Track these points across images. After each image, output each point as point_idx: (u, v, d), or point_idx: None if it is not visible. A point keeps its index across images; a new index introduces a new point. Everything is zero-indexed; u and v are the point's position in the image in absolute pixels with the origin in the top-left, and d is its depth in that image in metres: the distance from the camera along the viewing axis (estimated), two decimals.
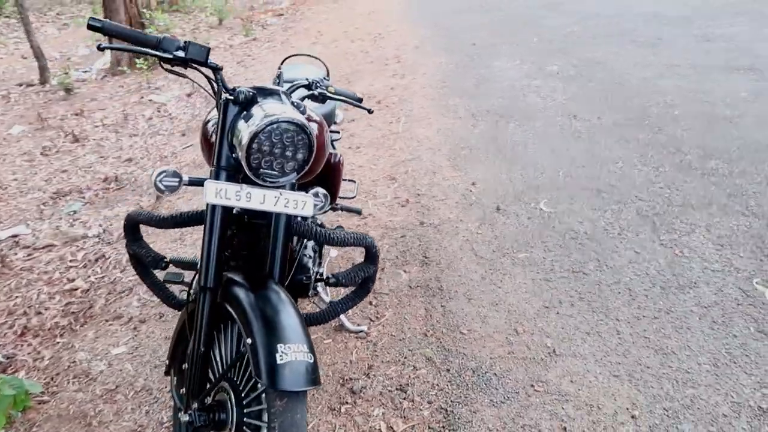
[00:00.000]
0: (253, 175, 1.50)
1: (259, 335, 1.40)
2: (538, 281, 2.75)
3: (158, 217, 1.83)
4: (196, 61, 1.56)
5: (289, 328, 1.42)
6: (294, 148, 1.51)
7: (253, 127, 1.44)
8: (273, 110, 1.48)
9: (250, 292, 1.52)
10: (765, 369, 2.14)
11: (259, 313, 1.45)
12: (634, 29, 7.00)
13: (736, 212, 3.08)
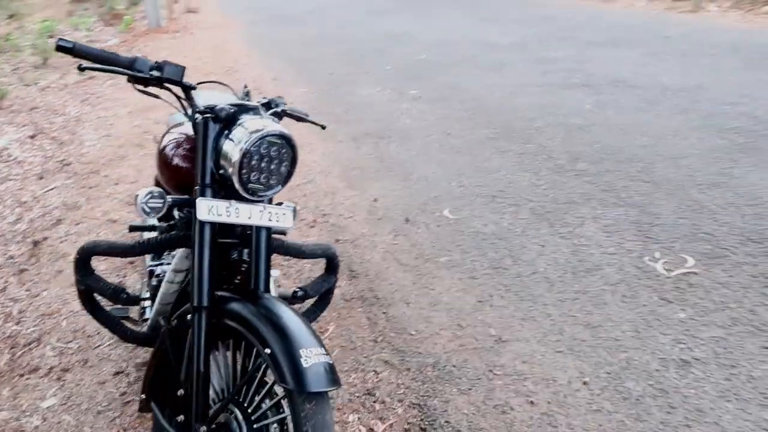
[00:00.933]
0: (243, 190, 1.51)
1: (277, 344, 1.39)
2: (465, 280, 2.94)
3: (123, 246, 1.73)
4: (172, 80, 1.56)
5: (303, 333, 1.43)
6: (279, 161, 1.55)
7: (243, 144, 1.45)
8: (257, 125, 1.50)
9: (249, 305, 1.51)
10: (675, 329, 2.49)
11: (268, 323, 1.45)
12: (476, 56, 7.66)
13: (612, 204, 3.53)
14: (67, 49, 1.48)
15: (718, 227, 3.19)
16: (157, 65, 1.53)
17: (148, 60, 1.55)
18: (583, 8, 11.43)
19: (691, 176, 3.79)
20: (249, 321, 1.47)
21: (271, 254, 1.66)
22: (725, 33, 8.02)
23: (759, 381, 2.19)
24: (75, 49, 1.49)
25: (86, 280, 1.82)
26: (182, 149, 1.77)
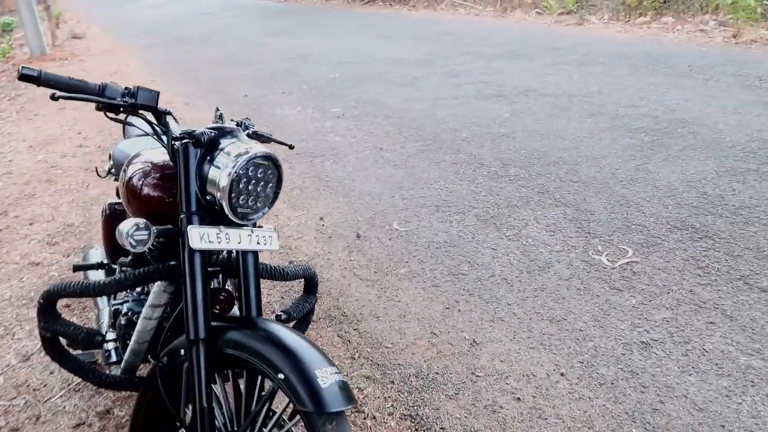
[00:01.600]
0: (233, 214, 1.51)
1: (289, 368, 1.39)
2: (428, 289, 3.02)
3: (95, 285, 1.65)
4: (147, 106, 1.54)
5: (313, 354, 1.44)
6: (265, 183, 1.56)
7: (231, 168, 1.44)
8: (242, 148, 1.50)
9: (249, 332, 1.51)
10: (630, 314, 2.70)
11: (275, 347, 1.45)
12: (387, 72, 7.84)
13: (550, 205, 3.75)
14: (31, 78, 1.43)
15: (646, 218, 3.47)
16: (128, 91, 1.50)
17: (119, 86, 1.51)
18: (478, 24, 11.97)
19: (613, 174, 4.09)
20: (253, 348, 1.45)
21: (260, 278, 1.66)
22: (610, 43, 8.68)
23: (711, 353, 2.41)
24: (41, 77, 1.44)
25: (53, 326, 1.74)
26: (152, 178, 1.72)
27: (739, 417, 2.10)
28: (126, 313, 2.01)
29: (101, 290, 1.68)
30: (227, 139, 1.55)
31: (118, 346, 2.01)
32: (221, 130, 1.56)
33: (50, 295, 1.70)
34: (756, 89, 5.58)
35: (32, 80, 1.43)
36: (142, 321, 1.79)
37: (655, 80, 6.25)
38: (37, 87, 1.48)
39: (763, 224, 3.27)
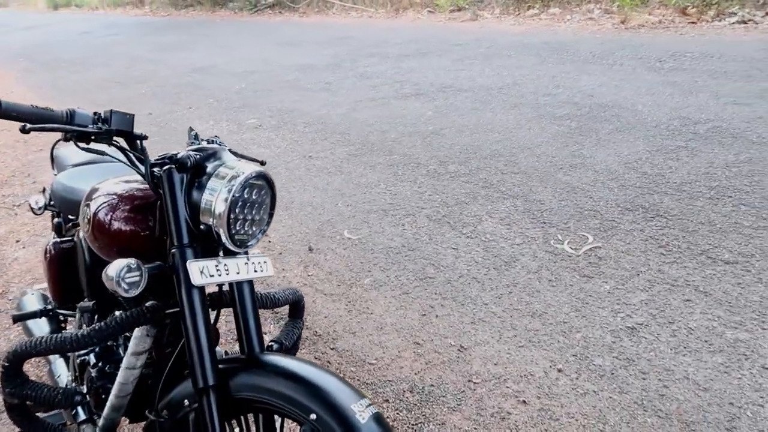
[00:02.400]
0: (231, 243, 1.33)
1: (322, 406, 1.23)
2: (399, 297, 2.87)
3: (70, 338, 1.39)
4: (123, 132, 1.33)
5: (343, 388, 1.29)
6: (260, 205, 1.39)
7: (226, 193, 1.27)
8: (234, 169, 1.32)
9: (262, 371, 1.33)
10: (608, 300, 2.67)
11: (300, 384, 1.28)
12: (297, 79, 7.61)
13: (498, 198, 3.71)
14: None
15: (596, 203, 3.49)
16: (99, 117, 1.32)
17: (86, 111, 1.32)
18: (374, 26, 11.97)
19: (551, 162, 4.11)
20: (274, 388, 1.28)
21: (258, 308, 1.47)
22: (509, 36, 8.91)
23: (697, 331, 2.42)
24: (1, 107, 1.21)
25: (22, 391, 1.48)
26: (121, 211, 1.48)
27: (744, 392, 2.10)
28: (96, 363, 1.75)
29: (81, 343, 1.43)
30: (213, 161, 1.36)
31: (89, 401, 1.73)
32: (204, 151, 1.36)
33: (17, 357, 1.45)
34: (659, 70, 5.86)
35: None
36: (123, 372, 1.55)
37: (564, 68, 6.43)
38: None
39: (707, 198, 3.37)
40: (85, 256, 1.80)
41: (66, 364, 2.07)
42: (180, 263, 1.28)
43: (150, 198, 1.39)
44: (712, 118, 4.44)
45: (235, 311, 1.39)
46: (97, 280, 1.75)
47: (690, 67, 5.88)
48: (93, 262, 1.73)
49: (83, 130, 1.28)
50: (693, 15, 8.59)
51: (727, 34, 7.42)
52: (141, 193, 1.45)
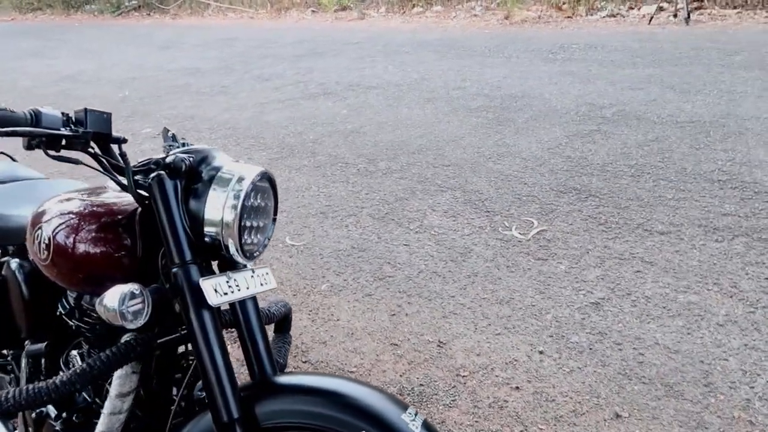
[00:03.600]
0: (242, 254, 1.23)
1: (371, 422, 1.17)
2: (362, 299, 2.82)
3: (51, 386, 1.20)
4: (101, 135, 1.20)
5: (386, 398, 1.23)
6: (264, 209, 1.29)
7: (233, 200, 1.15)
8: (237, 170, 1.21)
9: (289, 394, 1.25)
10: (567, 280, 2.78)
11: (340, 402, 1.20)
12: (188, 84, 7.28)
13: (436, 191, 3.75)
14: None
15: (531, 189, 3.63)
16: (70, 117, 1.16)
17: (55, 111, 1.16)
18: (257, 26, 11.72)
19: (478, 152, 4.22)
20: (312, 411, 1.19)
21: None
22: (401, 33, 9.05)
23: (654, 299, 2.58)
24: None
25: None
26: (86, 231, 1.30)
27: (708, 350, 2.26)
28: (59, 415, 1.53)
29: (61, 391, 1.23)
30: (207, 164, 1.22)
31: None
32: (196, 153, 1.23)
33: None
34: (555, 61, 6.19)
35: None
36: (107, 419, 1.35)
37: (465, 63, 6.63)
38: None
39: (629, 176, 3.60)
40: (23, 290, 1.56)
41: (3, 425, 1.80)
42: (185, 283, 1.14)
43: (123, 212, 1.25)
44: (614, 103, 4.76)
45: (241, 332, 1.26)
46: (46, 317, 1.53)
47: (580, 58, 6.26)
48: (37, 295, 1.52)
49: (56, 133, 1.11)
50: (567, 10, 9.17)
51: (602, 26, 7.98)
52: (110, 208, 1.28)
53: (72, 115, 1.15)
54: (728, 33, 6.54)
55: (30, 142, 1.11)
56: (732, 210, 3.11)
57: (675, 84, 4.98)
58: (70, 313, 1.40)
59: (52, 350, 1.52)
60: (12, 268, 1.56)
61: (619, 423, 2.00)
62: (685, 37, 6.55)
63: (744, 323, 2.37)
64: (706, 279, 2.65)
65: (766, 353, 2.21)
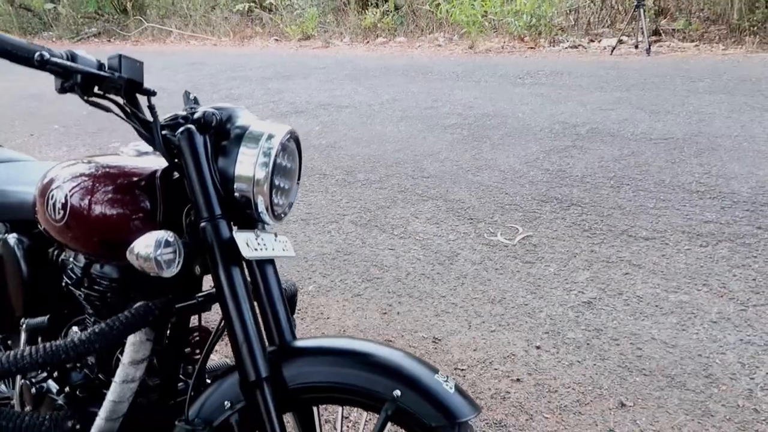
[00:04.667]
0: (271, 215, 1.18)
1: (404, 382, 1.13)
2: (352, 299, 2.75)
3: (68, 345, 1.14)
4: (134, 82, 1.16)
5: (414, 360, 1.20)
6: (290, 170, 1.26)
7: (263, 157, 1.11)
8: (266, 128, 1.17)
9: (317, 356, 1.20)
10: (557, 281, 2.77)
11: (371, 363, 1.16)
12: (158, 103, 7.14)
13: (417, 200, 3.72)
14: None
15: (513, 198, 3.64)
16: (103, 64, 1.10)
17: (89, 55, 1.11)
18: (222, 53, 11.68)
19: (457, 165, 4.23)
20: (343, 371, 1.15)
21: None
22: (367, 60, 9.14)
23: (646, 298, 2.58)
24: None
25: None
26: (104, 192, 1.24)
27: (705, 345, 2.26)
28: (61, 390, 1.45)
29: (79, 351, 1.17)
30: (234, 121, 1.18)
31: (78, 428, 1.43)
32: (223, 110, 1.19)
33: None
34: (524, 85, 6.32)
35: None
36: (118, 387, 1.28)
37: (435, 85, 6.71)
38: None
39: (609, 187, 3.66)
40: (22, 266, 1.50)
41: None
42: (215, 237, 1.09)
43: (140, 174, 1.19)
44: (587, 122, 4.86)
45: (260, 296, 1.20)
46: (45, 293, 1.47)
47: (548, 82, 6.41)
48: (37, 271, 1.46)
49: (93, 71, 1.06)
50: (529, 42, 9.44)
51: (565, 56, 8.23)
52: (127, 170, 1.22)
53: (107, 62, 1.09)
54: (689, 62, 6.83)
55: (63, 85, 1.06)
56: (713, 218, 3.18)
57: (644, 105, 5.13)
58: (77, 283, 1.32)
59: (53, 325, 1.45)
60: (11, 244, 1.50)
61: (625, 411, 1.96)
62: (648, 66, 6.81)
63: (737, 320, 2.39)
64: (695, 280, 2.68)
65: (762, 347, 2.22)
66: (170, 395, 1.43)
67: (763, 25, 7.78)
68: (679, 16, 9.07)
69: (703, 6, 8.96)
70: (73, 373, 1.45)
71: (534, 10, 9.20)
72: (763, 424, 1.87)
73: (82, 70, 1.05)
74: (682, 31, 8.53)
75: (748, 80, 5.78)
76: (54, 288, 1.44)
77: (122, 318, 1.16)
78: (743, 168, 3.73)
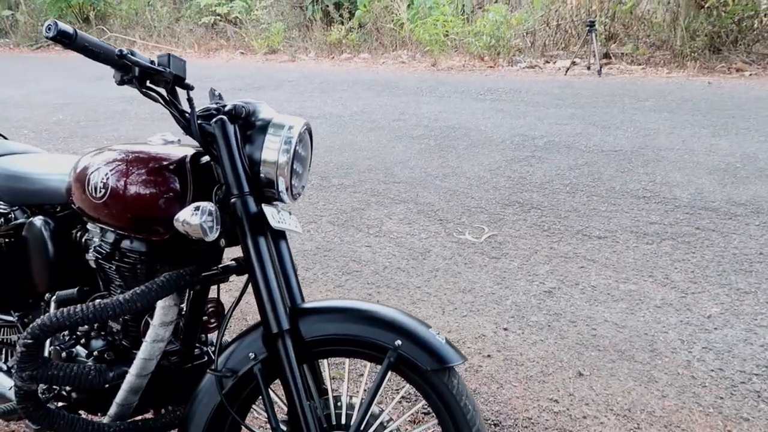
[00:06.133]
0: (290, 194, 1.41)
1: (403, 333, 1.35)
2: (333, 289, 2.97)
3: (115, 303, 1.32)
4: (179, 77, 1.38)
5: (407, 317, 1.42)
6: (304, 157, 1.49)
7: (285, 145, 1.32)
8: (285, 120, 1.37)
9: (326, 314, 1.42)
10: (521, 273, 3.05)
11: (373, 317, 1.38)
12: (126, 110, 7.24)
13: (390, 203, 3.98)
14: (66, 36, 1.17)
15: (478, 202, 3.93)
16: (153, 61, 1.30)
17: (143, 54, 1.32)
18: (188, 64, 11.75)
19: (425, 172, 4.51)
20: (350, 324, 1.37)
21: None
22: (335, 74, 9.40)
23: (599, 288, 2.89)
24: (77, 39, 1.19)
25: (45, 372, 1.36)
26: (138, 174, 1.45)
27: (650, 326, 2.57)
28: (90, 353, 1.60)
29: (124, 308, 1.35)
30: (257, 114, 1.41)
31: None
32: (249, 104, 1.42)
33: (45, 331, 1.33)
34: (485, 101, 6.68)
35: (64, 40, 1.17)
36: (149, 346, 1.47)
37: (401, 99, 7.01)
38: (64, 49, 1.23)
39: (566, 192, 3.99)
40: (49, 245, 1.67)
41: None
42: (244, 211, 1.30)
43: (170, 159, 1.38)
44: (545, 135, 5.22)
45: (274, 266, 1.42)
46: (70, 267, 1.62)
47: (507, 99, 6.79)
48: (62, 249, 1.63)
49: (152, 66, 1.26)
50: (488, 61, 9.87)
51: (523, 75, 8.67)
52: (160, 155, 1.41)
53: (157, 60, 1.28)
54: (637, 83, 7.32)
55: (123, 77, 1.26)
56: (658, 219, 3.53)
57: (596, 121, 5.53)
58: (107, 257, 1.48)
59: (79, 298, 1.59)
60: (37, 225, 1.65)
61: (582, 380, 2.24)
62: (599, 86, 7.27)
63: (678, 305, 2.71)
64: (642, 272, 3.00)
65: (698, 327, 2.54)
66: (188, 359, 1.63)
67: (702, 51, 8.37)
68: (627, 41, 9.65)
69: (649, 33, 9.56)
70: (97, 340, 1.61)
71: (493, 31, 9.65)
72: (698, 388, 2.17)
73: (144, 65, 1.26)
74: (631, 54, 9.09)
75: (689, 101, 6.27)
76: (75, 265, 1.62)
77: (159, 281, 1.35)
78: (684, 177, 4.12)
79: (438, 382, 1.30)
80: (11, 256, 1.78)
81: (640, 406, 2.09)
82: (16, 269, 1.74)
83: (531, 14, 10.37)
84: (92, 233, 1.57)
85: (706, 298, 2.74)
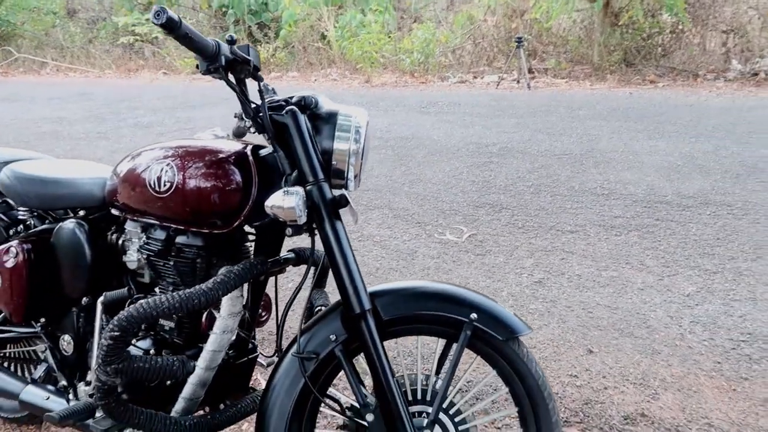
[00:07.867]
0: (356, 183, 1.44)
1: (477, 308, 1.45)
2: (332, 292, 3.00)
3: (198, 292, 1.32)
4: (256, 67, 1.43)
5: (475, 292, 1.53)
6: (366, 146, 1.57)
7: (355, 134, 1.38)
8: (352, 112, 1.43)
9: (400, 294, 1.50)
10: (508, 267, 3.20)
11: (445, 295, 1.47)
12: (56, 130, 6.92)
13: (364, 209, 4.05)
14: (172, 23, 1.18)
15: (450, 205, 4.08)
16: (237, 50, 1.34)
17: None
18: (109, 84, 11.40)
19: (392, 180, 4.62)
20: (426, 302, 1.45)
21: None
22: None
23: (584, 276, 3.08)
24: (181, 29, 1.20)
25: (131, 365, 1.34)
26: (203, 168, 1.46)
27: (638, 306, 2.77)
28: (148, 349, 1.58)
29: (209, 297, 1.36)
30: (320, 105, 1.47)
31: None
32: (312, 96, 1.48)
33: (132, 323, 1.32)
34: (429, 113, 6.90)
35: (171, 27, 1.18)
36: (218, 338, 1.48)
37: None
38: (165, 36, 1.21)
39: (530, 193, 4.21)
40: (86, 248, 1.63)
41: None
42: (320, 197, 1.34)
43: (230, 153, 1.40)
44: (497, 142, 5.47)
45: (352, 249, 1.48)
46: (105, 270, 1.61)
47: (450, 111, 7.04)
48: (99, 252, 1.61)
49: (245, 56, 1.29)
50: (419, 77, 10.17)
51: (456, 90, 8.99)
52: (220, 149, 1.42)
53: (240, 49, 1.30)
54: (565, 95, 7.77)
55: (209, 66, 1.27)
56: (620, 213, 3.79)
57: (540, 129, 5.85)
58: (161, 253, 1.49)
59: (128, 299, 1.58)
60: (70, 230, 1.63)
61: (594, 356, 2.39)
62: (531, 98, 7.67)
63: (658, 287, 2.93)
64: (619, 260, 3.22)
65: (681, 305, 2.76)
66: (243, 353, 1.65)
67: (619, 65, 9.02)
68: (547, 56, 10.24)
69: (567, 49, 10.19)
70: (153, 339, 1.60)
71: (423, 48, 9.96)
72: (697, 356, 2.37)
73: (238, 56, 1.29)
74: (553, 69, 9.65)
75: (618, 109, 6.74)
76: (110, 268, 1.61)
77: (235, 271, 1.37)
78: (634, 175, 4.44)
79: (510, 352, 1.39)
80: (38, 263, 1.71)
81: (652, 375, 2.26)
82: (43, 277, 1.68)
83: (454, 32, 10.79)
84: (130, 234, 1.56)
85: (681, 279, 2.98)
